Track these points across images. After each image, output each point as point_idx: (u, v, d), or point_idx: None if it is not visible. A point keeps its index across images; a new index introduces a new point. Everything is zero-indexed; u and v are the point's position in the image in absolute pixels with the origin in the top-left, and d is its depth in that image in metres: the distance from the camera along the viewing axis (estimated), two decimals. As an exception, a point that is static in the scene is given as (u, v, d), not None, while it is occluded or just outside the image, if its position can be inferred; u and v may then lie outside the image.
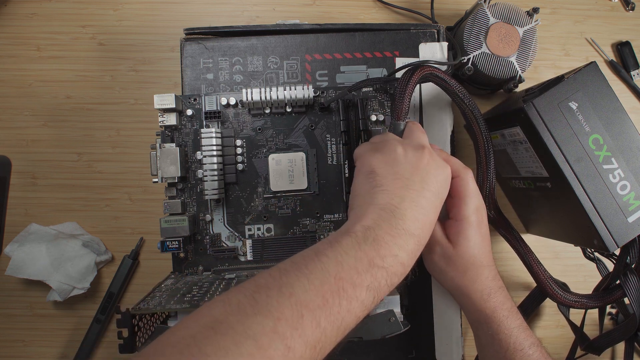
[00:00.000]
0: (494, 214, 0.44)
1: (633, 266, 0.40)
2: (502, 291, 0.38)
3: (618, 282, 0.41)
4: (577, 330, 0.50)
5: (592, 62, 0.38)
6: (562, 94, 0.37)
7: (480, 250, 0.38)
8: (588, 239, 0.39)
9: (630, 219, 0.37)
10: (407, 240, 0.30)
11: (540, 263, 0.43)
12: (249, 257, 0.44)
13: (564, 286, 0.51)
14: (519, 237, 0.44)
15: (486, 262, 0.38)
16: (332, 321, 0.26)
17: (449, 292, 0.41)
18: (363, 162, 0.35)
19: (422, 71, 0.39)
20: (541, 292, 0.44)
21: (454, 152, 0.46)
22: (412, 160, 0.34)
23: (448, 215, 0.40)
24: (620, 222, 0.37)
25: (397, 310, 0.35)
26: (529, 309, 0.51)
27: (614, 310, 0.55)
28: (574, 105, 0.37)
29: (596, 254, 0.47)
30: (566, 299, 0.42)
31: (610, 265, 0.44)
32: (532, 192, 0.45)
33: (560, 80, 0.38)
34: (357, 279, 0.27)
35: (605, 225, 0.37)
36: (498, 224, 0.44)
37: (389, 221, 0.30)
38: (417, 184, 0.33)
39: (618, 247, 0.37)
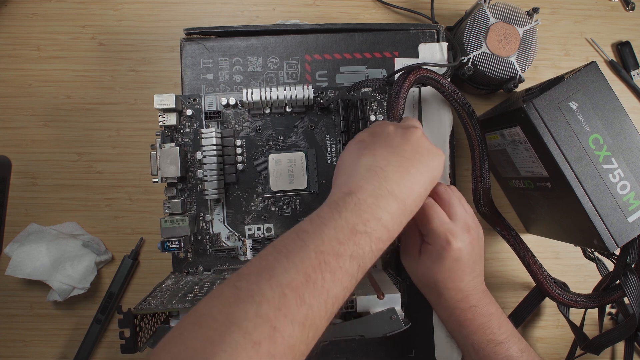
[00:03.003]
0: (490, 212, 0.44)
1: (633, 266, 0.40)
2: (474, 309, 0.38)
3: (618, 282, 0.41)
4: (577, 329, 0.50)
5: (592, 62, 0.38)
6: (562, 94, 0.37)
7: (447, 275, 0.37)
8: (588, 239, 0.39)
9: (630, 219, 0.37)
10: (390, 202, 0.30)
11: (538, 262, 0.43)
12: (249, 257, 0.44)
13: (563, 286, 0.51)
14: (517, 237, 0.44)
15: (453, 286, 0.37)
16: (317, 295, 0.25)
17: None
18: (355, 138, 0.35)
19: (416, 73, 0.40)
20: (540, 291, 0.44)
21: (453, 152, 0.46)
22: (404, 134, 0.34)
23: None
24: (620, 222, 0.37)
25: (398, 308, 0.35)
26: (529, 309, 0.51)
27: (613, 310, 0.55)
28: (574, 105, 0.37)
29: (596, 254, 0.47)
30: (565, 299, 0.42)
31: (610, 265, 0.44)
32: (532, 192, 0.45)
33: (560, 80, 0.38)
34: (340, 249, 0.27)
35: (605, 225, 0.37)
36: (496, 223, 0.45)
37: (372, 182, 0.30)
38: (408, 152, 0.32)
39: (618, 247, 0.37)
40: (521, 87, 0.49)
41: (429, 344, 0.45)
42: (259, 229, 0.44)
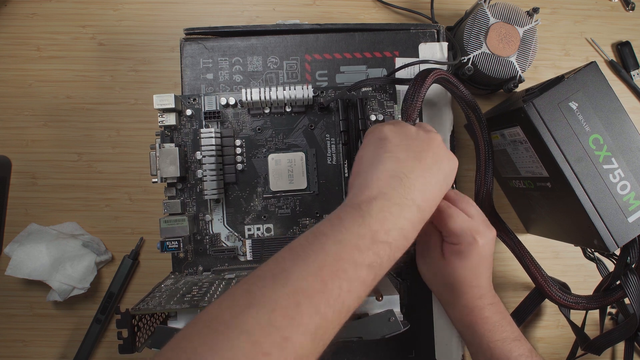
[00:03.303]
0: (490, 216, 0.44)
1: (633, 266, 0.40)
2: (490, 307, 0.38)
3: (618, 282, 0.41)
4: (578, 330, 0.50)
5: (592, 62, 0.38)
6: (562, 94, 0.37)
7: (471, 272, 0.37)
8: (588, 239, 0.39)
9: (630, 219, 0.37)
10: (414, 212, 0.29)
11: (538, 265, 0.43)
12: (249, 257, 0.44)
13: (564, 286, 0.51)
14: (517, 240, 0.44)
15: (475, 284, 0.37)
16: (332, 305, 0.24)
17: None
18: (374, 131, 0.34)
19: (435, 75, 0.39)
20: (540, 293, 0.44)
21: (453, 152, 0.46)
22: (425, 139, 0.33)
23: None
24: (620, 222, 0.37)
25: (397, 310, 0.35)
26: (529, 310, 0.51)
27: (614, 310, 0.55)
28: (574, 105, 0.37)
29: (596, 254, 0.47)
30: (565, 301, 0.42)
31: (610, 266, 0.44)
32: (532, 192, 0.45)
33: (560, 80, 0.38)
34: (359, 257, 0.26)
35: (606, 225, 0.37)
36: (495, 226, 0.44)
37: (397, 189, 0.29)
38: (429, 160, 0.32)
39: (618, 247, 0.37)
40: (521, 87, 0.49)
41: (429, 345, 0.45)
42: (258, 229, 0.44)
